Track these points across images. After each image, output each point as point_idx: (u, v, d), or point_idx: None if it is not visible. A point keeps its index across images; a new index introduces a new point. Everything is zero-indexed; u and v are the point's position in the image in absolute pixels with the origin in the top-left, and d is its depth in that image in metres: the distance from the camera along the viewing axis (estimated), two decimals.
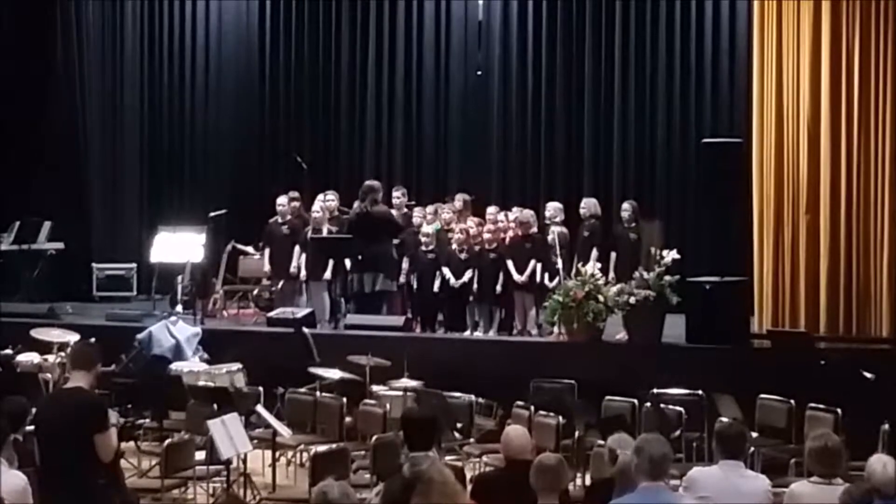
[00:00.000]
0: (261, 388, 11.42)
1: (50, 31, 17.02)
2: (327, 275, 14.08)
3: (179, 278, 15.33)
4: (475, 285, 13.54)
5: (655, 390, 10.78)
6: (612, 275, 13.03)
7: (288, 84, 17.71)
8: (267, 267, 14.81)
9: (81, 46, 17.17)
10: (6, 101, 16.32)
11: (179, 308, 14.90)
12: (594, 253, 13.42)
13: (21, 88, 16.58)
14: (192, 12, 17.87)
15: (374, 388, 11.38)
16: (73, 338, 11.71)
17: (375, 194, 13.90)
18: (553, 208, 13.85)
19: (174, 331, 13.05)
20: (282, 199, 14.75)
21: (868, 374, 10.66)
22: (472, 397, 11.07)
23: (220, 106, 17.86)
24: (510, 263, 13.42)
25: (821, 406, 10.04)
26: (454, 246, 13.68)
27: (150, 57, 17.88)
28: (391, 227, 13.95)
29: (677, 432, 10.18)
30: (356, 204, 14.21)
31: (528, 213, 13.80)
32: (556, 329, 12.88)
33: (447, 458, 9.18)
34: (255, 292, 15.22)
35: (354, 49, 17.41)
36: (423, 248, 13.80)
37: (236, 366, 12.15)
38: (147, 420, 11.09)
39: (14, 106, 16.42)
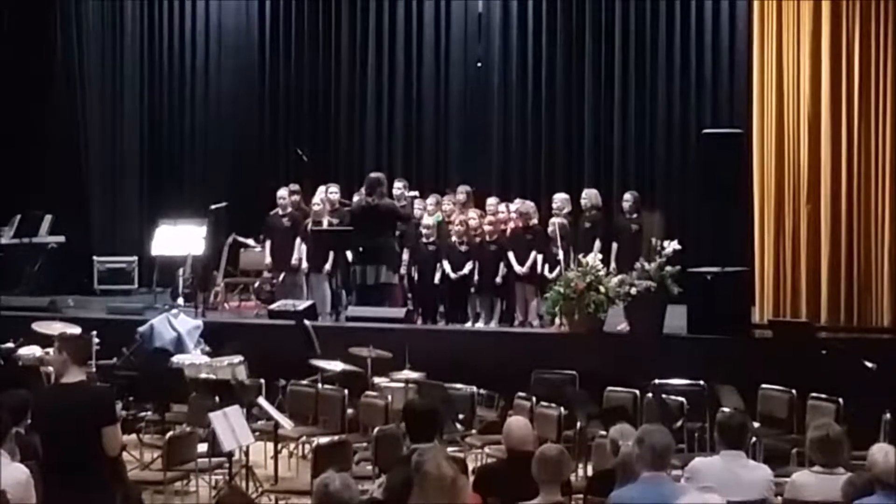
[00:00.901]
0: (262, 381, 11.44)
1: (50, 28, 17.02)
2: (328, 267, 14.10)
3: (180, 271, 15.33)
4: (476, 277, 13.54)
5: (657, 381, 10.78)
6: (613, 266, 13.02)
7: (288, 76, 17.68)
8: (268, 259, 14.81)
9: (81, 41, 17.19)
10: (7, 96, 16.31)
11: (181, 301, 14.91)
12: (595, 244, 13.41)
13: (22, 83, 16.58)
14: (191, 5, 17.85)
15: (376, 379, 11.40)
16: (74, 331, 11.69)
17: (382, 187, 13.87)
18: (560, 199, 13.83)
19: (175, 323, 13.06)
20: (282, 192, 14.76)
21: (869, 364, 10.66)
22: (474, 389, 11.09)
23: (221, 98, 17.83)
24: (511, 255, 13.43)
25: (822, 396, 10.05)
26: (454, 238, 13.67)
27: (150, 49, 17.85)
28: (397, 217, 13.92)
29: (679, 423, 10.18)
30: (356, 196, 14.22)
31: (529, 205, 13.80)
32: (557, 320, 12.86)
33: (449, 449, 9.18)
34: (257, 285, 15.21)
35: (354, 41, 17.38)
36: (424, 239, 13.80)
37: (238, 358, 12.15)
38: (149, 413, 11.11)
39: (15, 101, 16.42)
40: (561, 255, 12.99)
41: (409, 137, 17.29)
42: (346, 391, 10.91)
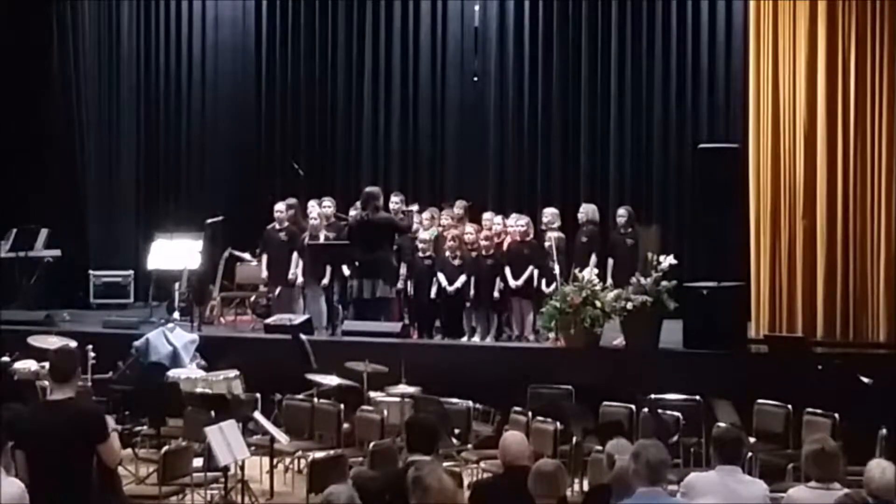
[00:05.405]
0: (258, 395, 11.45)
1: (46, 37, 17.02)
2: (325, 281, 14.10)
3: (176, 285, 15.31)
4: (472, 291, 13.53)
5: (653, 396, 10.79)
6: (609, 280, 13.05)
7: (284, 90, 17.71)
8: (264, 273, 14.79)
9: (77, 51, 17.16)
10: (2, 107, 16.30)
11: (176, 315, 14.89)
12: (592, 258, 13.44)
13: (17, 95, 16.55)
14: (188, 17, 17.85)
15: (372, 394, 11.38)
16: (70, 345, 11.66)
17: (376, 201, 13.87)
18: (550, 214, 13.87)
19: (171, 338, 13.04)
20: (279, 206, 14.76)
21: (865, 379, 10.67)
22: (470, 403, 11.08)
23: (217, 112, 17.84)
24: (507, 269, 13.42)
25: (818, 411, 10.06)
26: (447, 252, 13.67)
27: (147, 63, 17.84)
28: (395, 229, 13.91)
29: (675, 438, 10.20)
30: (353, 210, 14.23)
31: (525, 219, 13.81)
32: (553, 335, 12.87)
33: (445, 464, 9.17)
34: (253, 299, 15.20)
35: (351, 55, 17.42)
36: (421, 254, 13.80)
37: (234, 372, 12.14)
38: (144, 427, 11.10)
39: (10, 112, 16.40)
40: (557, 270, 13.00)
41: (405, 151, 17.31)
42: (341, 406, 10.92)
